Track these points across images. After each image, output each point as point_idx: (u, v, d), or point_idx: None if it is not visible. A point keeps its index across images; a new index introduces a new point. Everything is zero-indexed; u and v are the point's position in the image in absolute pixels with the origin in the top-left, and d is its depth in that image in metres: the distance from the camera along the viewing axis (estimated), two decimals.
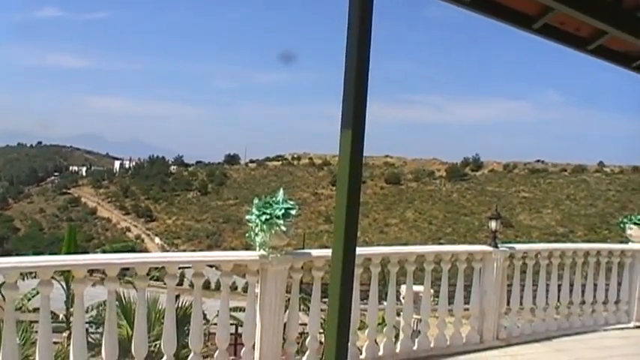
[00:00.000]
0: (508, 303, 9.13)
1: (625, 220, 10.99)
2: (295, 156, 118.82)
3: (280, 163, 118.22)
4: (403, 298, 8.23)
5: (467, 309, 8.79)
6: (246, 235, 6.73)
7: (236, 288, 28.85)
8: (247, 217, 6.64)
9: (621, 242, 11.09)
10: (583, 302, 10.16)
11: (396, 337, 8.30)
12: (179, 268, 6.85)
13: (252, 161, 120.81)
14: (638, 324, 10.63)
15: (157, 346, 6.76)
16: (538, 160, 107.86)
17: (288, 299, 7.08)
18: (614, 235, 12.34)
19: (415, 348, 8.10)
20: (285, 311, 7.06)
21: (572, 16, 4.52)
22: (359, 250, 7.90)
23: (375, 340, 7.94)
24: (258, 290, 6.78)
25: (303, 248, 8.09)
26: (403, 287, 8.32)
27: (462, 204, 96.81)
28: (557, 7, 4.20)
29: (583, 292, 10.17)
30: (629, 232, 10.81)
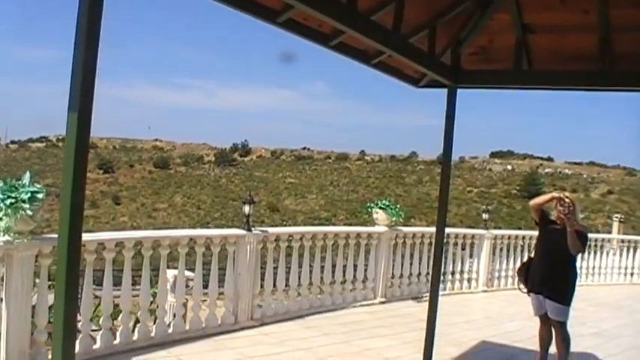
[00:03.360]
0: (262, 284, 9.47)
1: (372, 205, 11.83)
2: (60, 137, 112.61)
3: (44, 144, 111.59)
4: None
5: (222, 292, 8.99)
6: None
7: None
8: None
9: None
10: (334, 282, 10.79)
11: (153, 321, 8.31)
12: None
13: (13, 142, 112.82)
14: (382, 300, 11.53)
15: None
16: (304, 148, 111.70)
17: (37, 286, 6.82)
18: (373, 219, 13.25)
19: (170, 331, 8.15)
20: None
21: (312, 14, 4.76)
22: (112, 235, 7.86)
23: (131, 325, 7.89)
24: (4, 278, 6.46)
25: None
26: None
27: (230, 189, 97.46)
28: (296, 4, 4.39)
29: (334, 272, 10.80)
30: (375, 215, 11.66)
